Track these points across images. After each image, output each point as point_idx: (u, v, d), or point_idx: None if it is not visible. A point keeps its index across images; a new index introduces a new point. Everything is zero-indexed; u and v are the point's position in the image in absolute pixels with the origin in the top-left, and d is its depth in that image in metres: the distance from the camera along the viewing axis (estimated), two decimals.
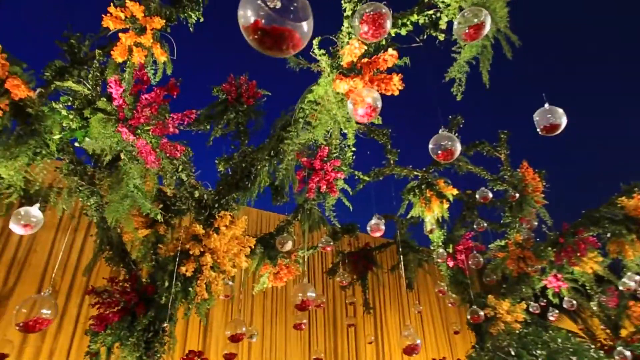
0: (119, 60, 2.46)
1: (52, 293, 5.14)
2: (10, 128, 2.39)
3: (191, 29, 3.04)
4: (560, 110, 2.05)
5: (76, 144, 2.08)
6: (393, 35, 2.34)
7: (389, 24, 1.57)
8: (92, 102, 1.95)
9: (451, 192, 4.48)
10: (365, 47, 2.09)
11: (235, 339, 2.55)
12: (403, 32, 2.32)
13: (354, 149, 3.71)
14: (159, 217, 2.31)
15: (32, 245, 5.26)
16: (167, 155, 2.09)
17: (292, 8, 0.88)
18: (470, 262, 4.21)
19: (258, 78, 4.25)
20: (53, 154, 2.45)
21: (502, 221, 5.32)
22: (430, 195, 4.40)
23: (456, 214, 5.03)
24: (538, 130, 2.10)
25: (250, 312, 6.82)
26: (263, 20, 0.89)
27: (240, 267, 2.90)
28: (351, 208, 3.79)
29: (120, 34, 2.41)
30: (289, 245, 3.46)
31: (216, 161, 3.81)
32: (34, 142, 2.39)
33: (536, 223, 4.85)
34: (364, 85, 2.07)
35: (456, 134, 4.45)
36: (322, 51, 2.23)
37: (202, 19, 3.02)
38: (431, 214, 4.53)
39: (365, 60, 2.21)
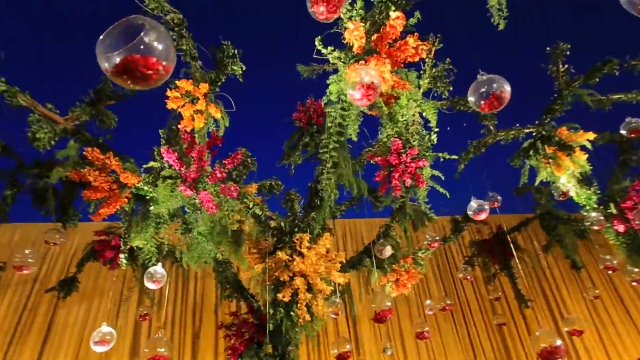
0: (188, 130, 2.94)
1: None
2: (136, 208, 3.10)
3: (240, 79, 3.40)
4: None
5: (154, 210, 2.53)
6: None
7: None
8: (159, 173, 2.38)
9: (584, 137, 3.42)
10: (363, 24, 1.90)
11: (341, 357, 2.51)
12: None
13: (437, 129, 3.31)
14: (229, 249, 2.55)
15: (204, 291, 6.53)
16: (229, 197, 2.33)
17: (119, 36, 0.89)
18: (637, 221, 3.05)
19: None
20: (167, 220, 3.04)
21: None
22: (554, 150, 3.47)
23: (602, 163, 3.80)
24: (634, 12, 1.42)
25: (397, 323, 6.61)
26: (107, 65, 0.92)
27: (337, 282, 2.89)
28: (448, 195, 3.35)
29: (180, 110, 2.89)
30: (388, 251, 3.27)
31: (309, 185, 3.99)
32: (154, 215, 3.03)
33: None
34: (376, 63, 1.87)
35: (564, 65, 3.48)
36: (330, 48, 2.14)
37: (244, 68, 3.34)
38: (565, 172, 3.55)
39: (375, 36, 2.01)
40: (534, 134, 3.72)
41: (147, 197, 2.98)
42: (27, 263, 2.59)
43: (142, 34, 0.91)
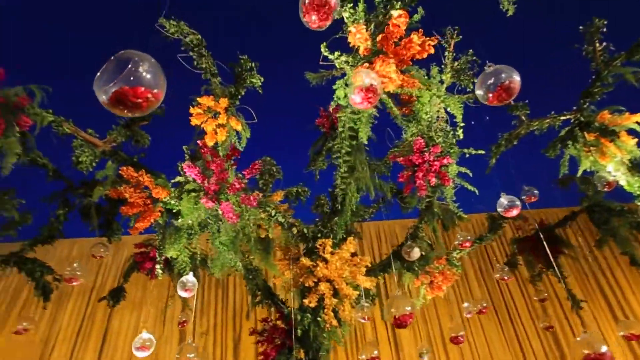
0: (211, 144, 3.08)
1: None
2: (168, 221, 3.28)
3: (260, 91, 3.50)
4: None
5: (179, 222, 2.67)
6: None
7: None
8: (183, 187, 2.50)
9: (631, 120, 3.10)
10: (366, 26, 1.88)
11: None
12: None
13: (462, 124, 3.19)
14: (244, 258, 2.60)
15: (243, 297, 6.73)
16: (249, 207, 2.40)
17: (113, 70, 0.95)
18: None
19: None
20: (198, 231, 3.18)
21: None
22: (595, 137, 3.18)
23: None
24: None
25: (438, 325, 6.38)
26: (103, 97, 0.99)
27: (364, 286, 2.86)
28: (477, 192, 3.20)
29: (203, 126, 3.03)
30: (416, 253, 3.18)
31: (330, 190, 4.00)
32: (186, 227, 3.19)
33: None
34: (381, 63, 1.84)
35: (602, 44, 3.21)
36: (337, 53, 2.14)
37: (262, 79, 3.43)
38: (611, 160, 3.24)
39: (380, 37, 1.98)
40: (572, 120, 3.45)
41: (174, 211, 3.15)
42: (75, 275, 2.84)
43: (129, 66, 0.99)
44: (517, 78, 1.59)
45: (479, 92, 1.69)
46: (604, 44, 3.23)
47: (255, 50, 3.38)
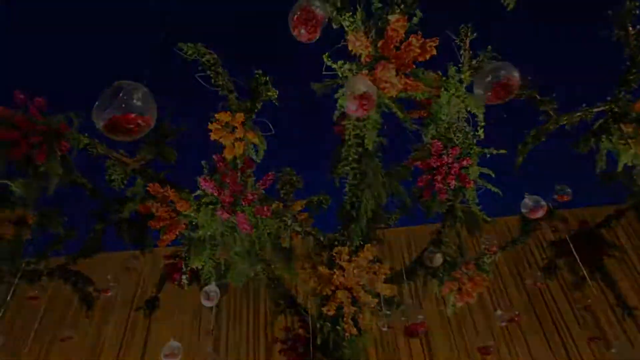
0: (230, 157, 3.19)
1: None
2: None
3: (276, 103, 3.59)
4: None
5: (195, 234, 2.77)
6: None
7: (319, 11, 1.40)
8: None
9: None
10: (365, 34, 1.89)
11: None
12: None
13: (483, 123, 3.09)
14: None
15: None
16: (264, 217, 2.46)
17: (109, 99, 1.02)
18: None
19: None
20: (220, 242, 3.29)
21: None
22: (633, 128, 2.93)
23: None
24: None
25: (475, 334, 6.06)
26: (101, 124, 1.06)
27: (385, 294, 2.81)
28: (501, 193, 3.05)
29: (220, 140, 3.16)
30: (438, 259, 3.07)
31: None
32: (209, 238, 3.31)
33: None
34: (381, 69, 1.84)
35: (635, 27, 2.98)
36: (341, 62, 2.16)
37: (277, 92, 3.52)
38: None
39: (380, 43, 1.99)
40: (607, 112, 3.20)
41: (193, 223, 3.29)
42: (108, 286, 3.03)
43: (120, 95, 1.08)
44: (515, 74, 1.52)
45: (477, 91, 1.63)
46: (638, 27, 3.00)
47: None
